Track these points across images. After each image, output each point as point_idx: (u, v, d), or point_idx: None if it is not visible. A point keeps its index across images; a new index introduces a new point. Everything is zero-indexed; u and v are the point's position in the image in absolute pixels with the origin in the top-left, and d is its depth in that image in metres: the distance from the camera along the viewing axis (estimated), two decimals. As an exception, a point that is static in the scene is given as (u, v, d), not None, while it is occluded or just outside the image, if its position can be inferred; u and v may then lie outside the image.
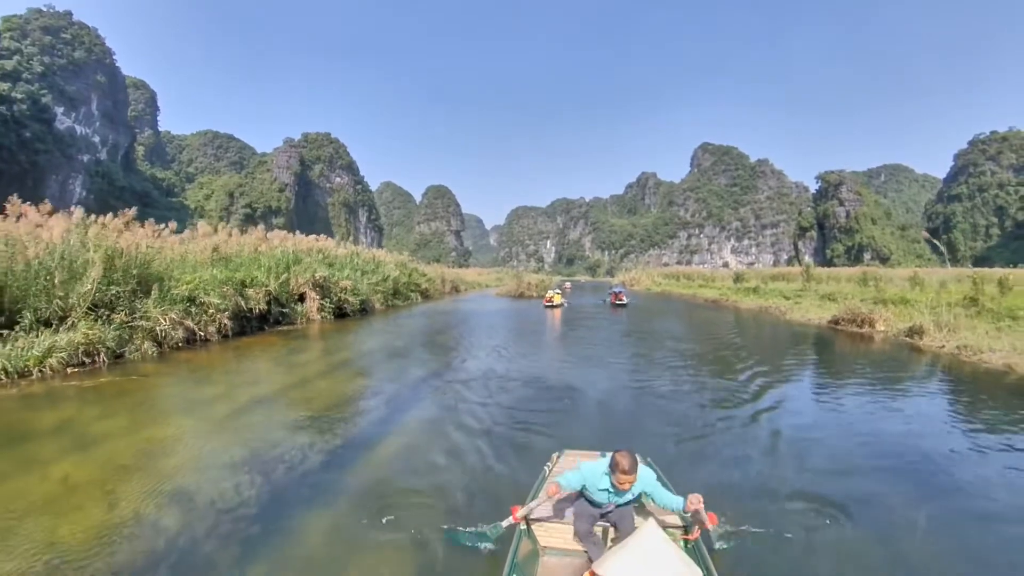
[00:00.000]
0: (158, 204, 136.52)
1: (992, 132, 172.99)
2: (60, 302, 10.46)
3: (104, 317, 10.86)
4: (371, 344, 14.87)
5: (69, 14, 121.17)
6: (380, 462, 5.97)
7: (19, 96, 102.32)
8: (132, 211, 13.06)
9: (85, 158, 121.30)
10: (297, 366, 10.98)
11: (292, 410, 7.83)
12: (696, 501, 3.36)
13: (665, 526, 3.54)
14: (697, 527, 3.49)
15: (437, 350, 14.17)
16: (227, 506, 4.74)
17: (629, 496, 3.50)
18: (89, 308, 10.73)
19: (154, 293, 11.81)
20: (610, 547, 3.26)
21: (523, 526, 3.53)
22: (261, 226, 22.41)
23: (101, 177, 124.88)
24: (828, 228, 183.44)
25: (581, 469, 3.61)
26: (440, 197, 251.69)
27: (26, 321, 10.19)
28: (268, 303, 15.84)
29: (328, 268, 20.02)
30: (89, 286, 10.59)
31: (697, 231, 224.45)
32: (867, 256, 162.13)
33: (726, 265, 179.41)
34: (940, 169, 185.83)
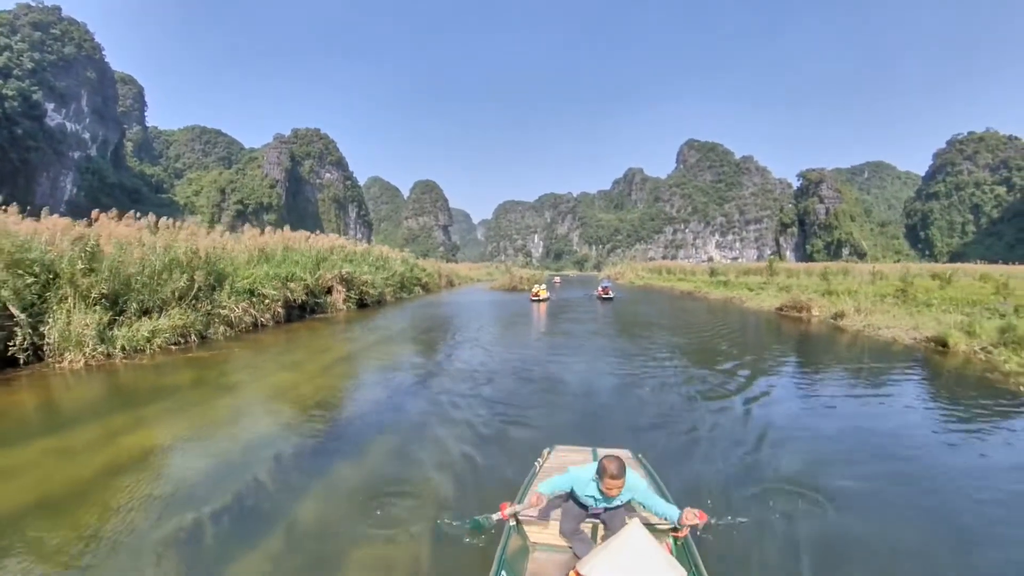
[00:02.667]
0: (148, 201, 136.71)
1: (970, 132, 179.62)
2: (159, 294, 13.21)
3: (191, 306, 13.63)
4: (401, 325, 18.26)
5: (58, 9, 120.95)
6: (449, 377, 9.22)
7: (10, 93, 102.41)
8: (197, 218, 15.70)
9: (76, 155, 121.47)
10: (352, 340, 14.02)
11: (370, 362, 10.97)
12: (693, 517, 3.26)
13: (654, 524, 3.56)
14: (687, 527, 3.44)
15: (456, 328, 17.38)
16: (364, 403, 7.86)
17: (617, 502, 3.49)
18: (179, 298, 13.50)
19: (226, 287, 14.59)
20: (598, 545, 3.31)
21: (512, 522, 3.55)
22: (287, 227, 24.99)
23: (92, 174, 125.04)
24: (808, 224, 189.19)
25: (569, 474, 3.60)
26: (428, 192, 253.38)
27: (132, 310, 12.92)
28: (306, 295, 18.69)
29: (350, 265, 22.86)
30: (183, 283, 13.36)
31: (682, 226, 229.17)
32: (845, 252, 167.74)
33: (710, 260, 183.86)
34: (922, 167, 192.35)
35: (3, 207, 13.70)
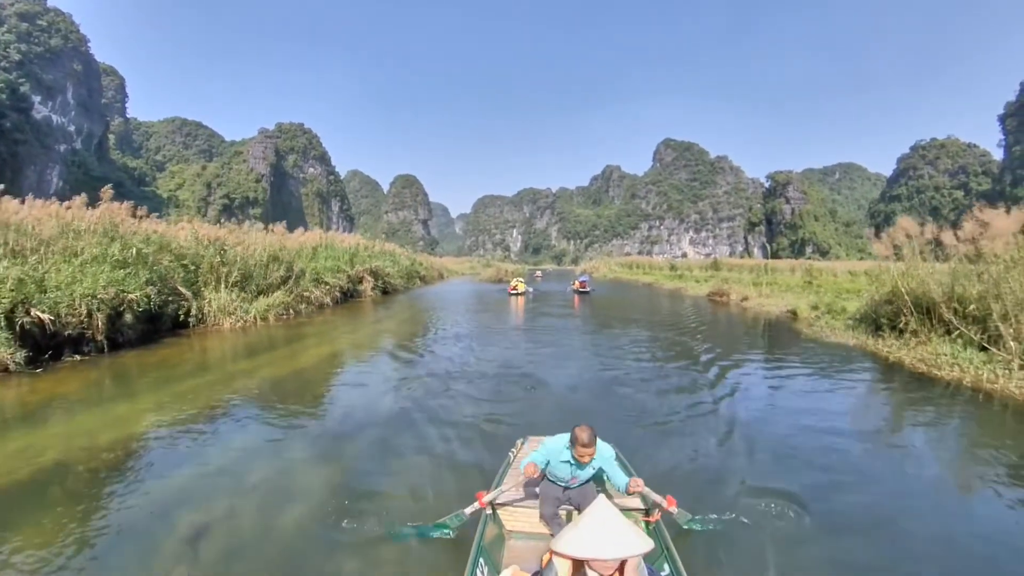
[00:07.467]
0: (132, 194, 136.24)
1: (932, 139, 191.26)
2: (267, 280, 18.89)
3: (288, 290, 19.34)
4: (429, 303, 24.99)
5: (43, 0, 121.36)
6: (478, 317, 15.30)
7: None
8: (282, 224, 21.39)
9: (62, 148, 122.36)
10: (403, 310, 20.33)
11: (430, 316, 17.12)
12: (636, 485, 3.54)
13: (626, 508, 3.75)
14: (657, 510, 3.62)
15: (470, 304, 23.69)
16: (443, 333, 13.98)
17: (590, 470, 3.70)
18: (282, 283, 19.22)
19: (307, 276, 20.37)
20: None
21: (489, 511, 3.68)
22: (315, 228, 30.53)
23: (77, 167, 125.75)
24: (775, 224, 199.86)
25: (544, 445, 3.84)
26: (408, 186, 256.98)
27: (251, 291, 18.51)
28: (347, 283, 24.50)
29: (375, 260, 28.66)
30: (282, 272, 19.10)
31: (658, 223, 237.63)
32: (809, 250, 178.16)
33: (684, 256, 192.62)
34: (891, 169, 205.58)
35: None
